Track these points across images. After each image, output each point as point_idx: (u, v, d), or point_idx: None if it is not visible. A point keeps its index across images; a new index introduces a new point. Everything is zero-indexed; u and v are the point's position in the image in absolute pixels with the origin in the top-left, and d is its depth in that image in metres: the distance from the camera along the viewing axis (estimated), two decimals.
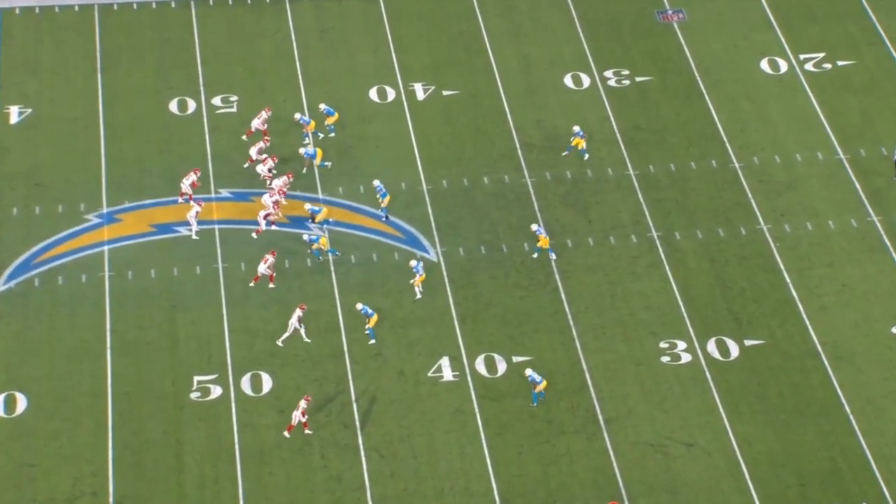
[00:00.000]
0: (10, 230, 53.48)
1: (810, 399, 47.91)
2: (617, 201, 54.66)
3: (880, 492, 45.28)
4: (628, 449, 46.53)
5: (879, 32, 61.71)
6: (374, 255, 52.73)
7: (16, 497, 45.16)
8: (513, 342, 49.80)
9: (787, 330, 50.06)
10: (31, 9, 63.15)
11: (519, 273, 52.11)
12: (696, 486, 45.51)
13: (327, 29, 62.47)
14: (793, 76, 59.89)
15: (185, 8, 63.26)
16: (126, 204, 54.57)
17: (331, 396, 48.12)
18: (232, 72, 60.38)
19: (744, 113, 58.24)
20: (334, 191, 55.06)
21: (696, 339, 49.85)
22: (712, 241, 53.23)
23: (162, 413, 47.58)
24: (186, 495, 45.37)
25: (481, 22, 62.61)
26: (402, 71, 60.38)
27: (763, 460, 46.19)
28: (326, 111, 57.08)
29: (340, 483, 45.70)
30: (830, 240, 53.17)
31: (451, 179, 55.63)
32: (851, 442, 46.64)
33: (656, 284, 51.63)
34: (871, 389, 48.16)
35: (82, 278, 51.78)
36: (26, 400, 47.99)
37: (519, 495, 45.32)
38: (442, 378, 48.73)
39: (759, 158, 56.30)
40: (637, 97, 59.11)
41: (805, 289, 51.42)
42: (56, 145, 57.03)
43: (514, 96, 59.13)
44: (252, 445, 46.66)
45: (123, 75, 60.07)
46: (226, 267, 52.36)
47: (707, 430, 47.02)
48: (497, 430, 47.14)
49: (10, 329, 50.06)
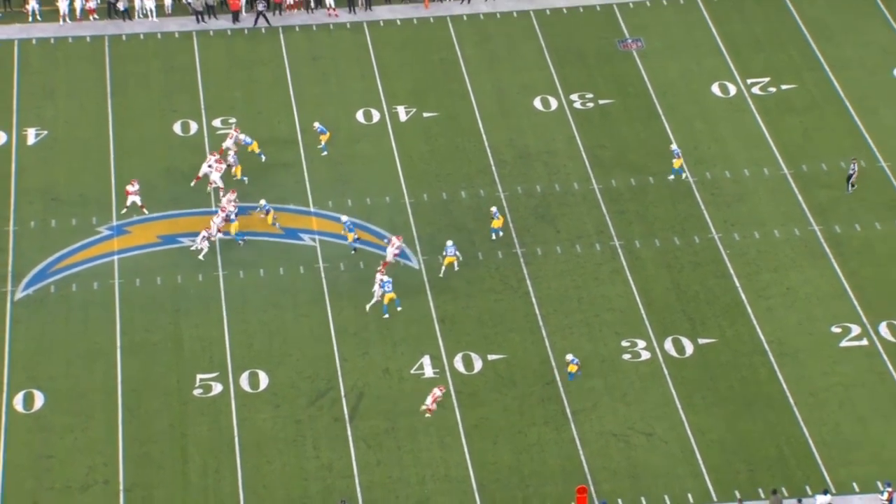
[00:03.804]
0: (28, 241, 53.38)
1: (758, 392, 47.99)
2: (582, 213, 54.75)
3: (821, 476, 45.36)
4: (593, 438, 46.56)
5: (819, 59, 61.93)
6: (360, 263, 52.72)
7: (35, 485, 45.08)
8: (488, 341, 49.84)
9: (737, 329, 50.16)
10: (47, 39, 63.06)
11: (493, 278, 52.16)
12: (655, 472, 45.54)
13: (318, 57, 62.48)
14: (741, 99, 60.05)
15: (187, 38, 63.23)
16: (134, 217, 54.51)
17: (322, 392, 48.10)
18: (231, 96, 60.35)
19: (697, 132, 58.38)
20: (324, 204, 55.06)
21: (655, 338, 49.93)
22: (669, 249, 53.33)
23: (168, 408, 47.51)
24: (191, 483, 45.30)
25: (458, 51, 62.69)
26: (386, 95, 60.41)
27: (715, 448, 46.26)
28: (320, 129, 57.09)
29: (331, 471, 45.67)
30: (776, 247, 53.29)
31: (431, 193, 55.66)
32: (795, 431, 46.72)
33: (618, 288, 51.71)
34: (812, 383, 48.24)
35: (94, 285, 51.69)
36: (43, 397, 47.89)
37: (494, 481, 45.34)
38: (423, 375, 48.70)
39: (710, 173, 56.42)
40: (600, 118, 59.21)
41: (753, 292, 51.54)
42: (70, 164, 56.94)
43: (488, 118, 59.20)
44: (250, 437, 46.60)
45: (131, 99, 60.02)
46: (225, 274, 52.30)
47: (665, 420, 47.09)
48: (474, 422, 47.15)
49: (28, 332, 49.96)
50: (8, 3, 64.11)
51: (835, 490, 44.81)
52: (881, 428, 46.70)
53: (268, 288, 51.64)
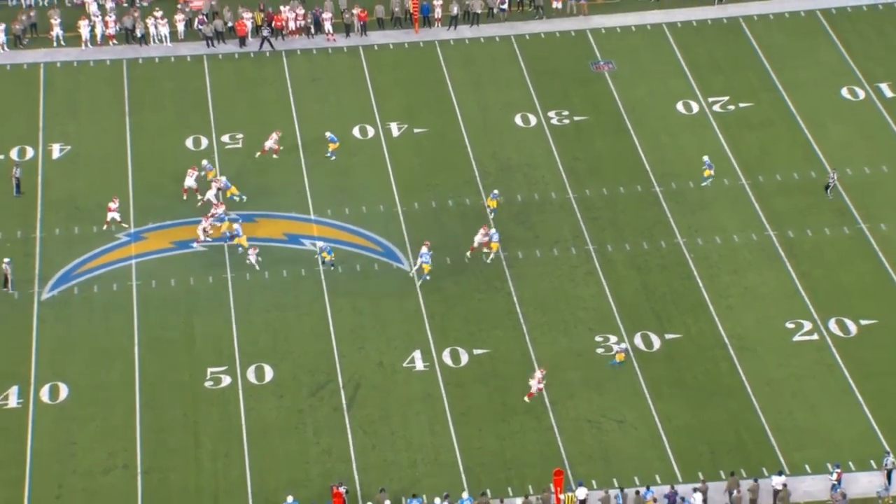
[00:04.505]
0: (54, 247, 53.14)
1: (719, 383, 47.91)
2: (559, 220, 54.65)
3: (777, 459, 45.32)
4: (570, 425, 46.46)
5: (773, 80, 61.94)
6: (357, 266, 52.58)
7: (60, 469, 44.88)
8: (473, 337, 49.70)
9: (700, 326, 50.09)
10: (70, 62, 62.85)
11: (478, 280, 52.02)
12: (626, 456, 45.46)
13: (317, 78, 62.34)
14: (703, 116, 60.02)
15: (198, 62, 63.06)
16: (150, 224, 54.30)
17: (322, 384, 47.94)
18: (238, 114, 60.17)
19: (663, 146, 58.33)
20: (324, 212, 54.92)
21: (625, 333, 49.85)
22: (638, 253, 53.27)
23: (181, 399, 47.32)
24: (202, 467, 45.12)
25: (446, 72, 62.60)
26: (380, 112, 60.29)
27: (680, 433, 46.18)
28: (331, 139, 56.99)
29: (331, 455, 45.51)
30: (735, 251, 53.25)
31: (421, 202, 55.54)
32: (753, 418, 46.67)
33: (592, 289, 51.62)
34: (769, 374, 48.20)
35: (114, 287, 51.47)
36: (68, 389, 47.68)
37: (479, 465, 45.20)
38: (415, 368, 48.57)
39: (675, 184, 56.36)
40: (575, 133, 59.15)
41: (714, 292, 51.48)
42: (91, 176, 56.71)
43: (473, 133, 59.10)
44: (256, 425, 46.43)
45: (147, 117, 59.81)
46: (233, 276, 52.13)
47: (634, 408, 46.99)
48: (461, 411, 47.02)
49: (54, 330, 49.74)
50: (34, 30, 63.90)
51: (789, 471, 44.77)
52: (830, 415, 46.68)
53: (272, 289, 51.46)
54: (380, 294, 51.24)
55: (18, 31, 63.48)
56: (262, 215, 54.50)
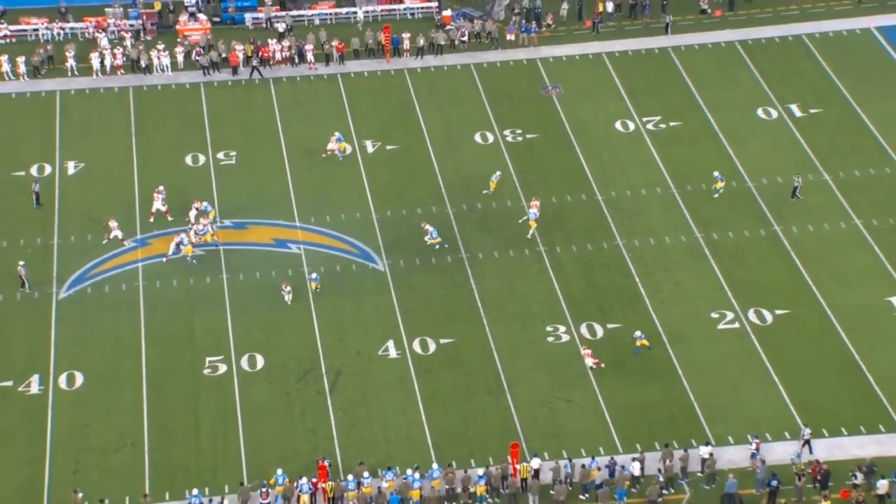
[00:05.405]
0: (70, 252, 52.93)
1: (654, 367, 48.15)
2: (515, 225, 54.76)
3: (704, 432, 45.70)
4: (525, 405, 46.64)
5: (699, 102, 62.27)
6: (337, 267, 52.65)
7: (75, 447, 44.80)
8: (440, 329, 49.76)
9: (638, 317, 50.28)
10: (83, 90, 62.60)
11: (444, 278, 52.16)
12: (574, 432, 45.70)
13: (301, 102, 62.30)
14: (638, 133, 60.26)
15: (196, 88, 62.92)
16: (155, 232, 54.18)
17: (307, 371, 47.99)
18: (232, 134, 60.05)
19: (604, 161, 58.53)
20: (307, 220, 54.90)
21: (573, 324, 50.06)
22: (583, 254, 53.46)
23: (182, 385, 47.25)
24: (202, 447, 45.09)
25: (414, 97, 62.64)
26: (356, 132, 60.29)
27: (622, 412, 46.42)
28: (338, 138, 57.40)
29: (315, 434, 45.56)
30: (667, 252, 53.51)
31: (393, 210, 55.57)
32: (684, 397, 46.96)
33: (543, 285, 51.80)
34: (697, 360, 48.47)
35: (123, 287, 51.31)
36: (83, 377, 47.54)
37: (445, 441, 45.35)
38: (389, 356, 48.64)
39: (615, 193, 56.57)
40: (527, 149, 59.31)
41: (649, 287, 51.74)
42: (102, 190, 56.47)
43: (438, 149, 59.17)
44: (250, 408, 46.40)
45: (151, 138, 59.60)
46: (228, 277, 52.06)
47: (581, 390, 47.20)
48: (429, 393, 47.15)
49: (70, 326, 49.56)
50: (51, 62, 63.71)
51: (714, 442, 45.18)
52: (750, 393, 47.11)
53: (263, 288, 51.45)
54: (357, 291, 51.30)
55: (37, 63, 63.22)
56: (253, 223, 54.48)
